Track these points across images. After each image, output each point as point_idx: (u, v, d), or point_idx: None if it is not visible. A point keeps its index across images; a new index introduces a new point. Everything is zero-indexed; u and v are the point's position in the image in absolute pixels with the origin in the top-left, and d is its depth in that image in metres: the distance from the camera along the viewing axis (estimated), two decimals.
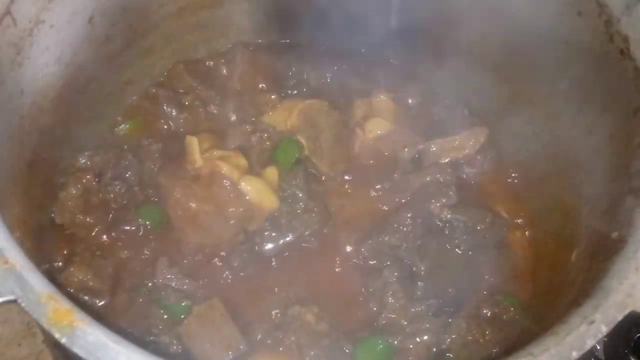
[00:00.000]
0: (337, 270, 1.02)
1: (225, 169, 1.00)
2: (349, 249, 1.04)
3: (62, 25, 0.96)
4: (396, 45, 1.24)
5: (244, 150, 1.08)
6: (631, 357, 1.03)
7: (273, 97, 1.17)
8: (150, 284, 0.98)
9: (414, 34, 1.20)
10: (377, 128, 1.15)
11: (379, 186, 1.10)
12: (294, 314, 0.95)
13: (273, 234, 1.03)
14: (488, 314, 0.96)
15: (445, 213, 1.04)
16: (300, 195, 1.06)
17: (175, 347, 0.92)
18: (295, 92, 1.20)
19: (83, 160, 1.07)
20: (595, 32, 0.90)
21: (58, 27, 0.95)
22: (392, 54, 1.26)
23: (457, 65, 1.18)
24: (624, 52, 0.86)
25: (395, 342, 0.94)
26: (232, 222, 0.99)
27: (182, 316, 0.93)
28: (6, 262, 0.65)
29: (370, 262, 1.01)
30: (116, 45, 1.08)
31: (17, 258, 0.66)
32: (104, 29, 1.04)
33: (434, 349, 0.95)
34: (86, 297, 0.95)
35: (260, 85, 1.20)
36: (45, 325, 0.62)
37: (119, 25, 1.07)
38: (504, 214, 1.09)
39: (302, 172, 1.08)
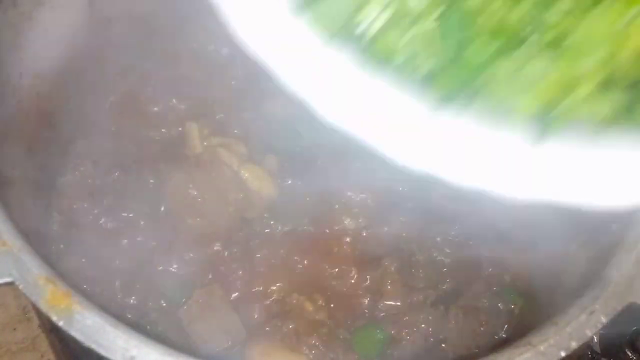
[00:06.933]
0: (335, 258, 1.01)
1: (225, 155, 1.00)
2: (348, 237, 1.03)
3: (62, 7, 0.95)
4: None
5: (243, 138, 1.08)
6: (627, 350, 1.03)
7: (273, 85, 1.16)
8: (148, 270, 0.97)
9: None
10: None
11: (379, 175, 1.09)
12: (292, 302, 0.95)
13: (271, 222, 1.02)
14: (486, 304, 0.96)
15: (446, 203, 1.03)
16: (299, 183, 1.06)
17: (173, 332, 0.91)
18: None
19: (81, 146, 1.06)
20: None
21: (58, 8, 0.94)
22: None
23: None
24: None
25: (393, 332, 0.94)
26: (231, 209, 0.98)
27: (183, 300, 0.93)
28: (4, 244, 0.65)
29: (370, 251, 1.01)
30: (117, 29, 1.07)
31: (15, 240, 0.65)
32: (104, 11, 1.03)
33: (431, 339, 0.95)
34: (85, 285, 0.95)
35: (261, 73, 1.19)
36: (43, 308, 0.62)
37: (120, 8, 1.06)
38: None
39: (301, 161, 1.08)
